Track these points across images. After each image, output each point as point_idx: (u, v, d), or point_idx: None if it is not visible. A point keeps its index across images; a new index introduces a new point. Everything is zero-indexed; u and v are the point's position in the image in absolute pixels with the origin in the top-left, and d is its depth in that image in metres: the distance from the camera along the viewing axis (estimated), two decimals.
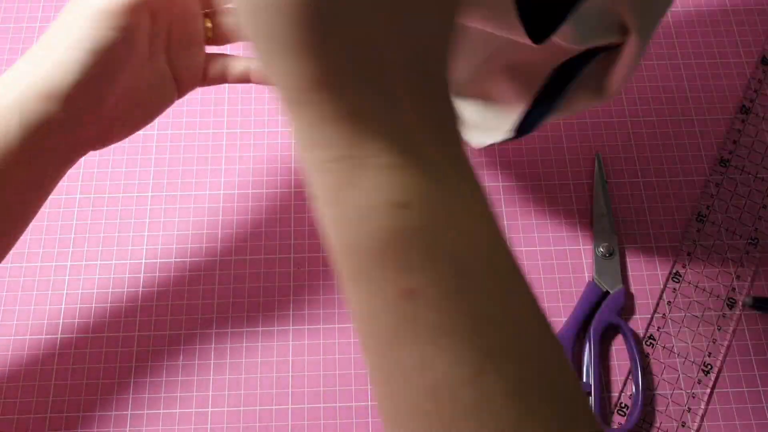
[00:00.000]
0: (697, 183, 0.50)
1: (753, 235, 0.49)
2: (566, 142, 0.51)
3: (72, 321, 0.46)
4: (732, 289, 0.47)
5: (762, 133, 0.52)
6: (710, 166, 0.51)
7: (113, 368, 0.45)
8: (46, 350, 0.45)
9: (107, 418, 0.43)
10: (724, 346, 0.45)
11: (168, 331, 0.46)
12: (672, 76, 0.54)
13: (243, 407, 0.44)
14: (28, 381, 0.44)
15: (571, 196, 0.50)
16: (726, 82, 0.54)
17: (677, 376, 0.45)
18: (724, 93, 0.54)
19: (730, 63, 0.55)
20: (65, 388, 0.44)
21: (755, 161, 0.51)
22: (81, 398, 0.44)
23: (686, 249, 0.48)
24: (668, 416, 0.44)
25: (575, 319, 0.45)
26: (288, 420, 0.43)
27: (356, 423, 0.43)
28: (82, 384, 0.44)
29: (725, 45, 0.55)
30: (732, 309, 0.47)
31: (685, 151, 0.51)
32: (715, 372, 0.45)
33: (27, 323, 0.46)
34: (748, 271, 0.48)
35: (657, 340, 0.46)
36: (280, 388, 0.44)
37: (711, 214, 0.49)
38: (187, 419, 0.43)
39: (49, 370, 0.44)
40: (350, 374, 0.45)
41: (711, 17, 0.56)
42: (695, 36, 0.56)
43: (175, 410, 0.44)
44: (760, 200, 0.50)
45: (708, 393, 0.44)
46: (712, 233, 0.49)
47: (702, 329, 0.46)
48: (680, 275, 0.47)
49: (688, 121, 0.53)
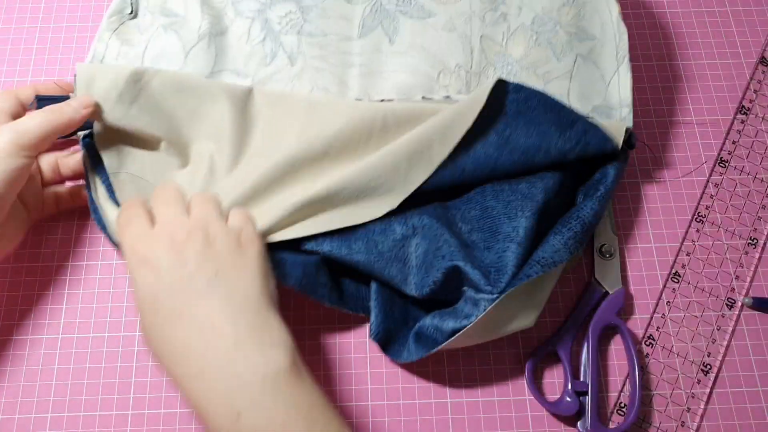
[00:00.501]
0: (696, 183, 0.50)
1: (752, 236, 0.49)
2: None
3: (73, 321, 0.46)
4: (731, 290, 0.47)
5: (761, 133, 0.52)
6: (709, 166, 0.51)
7: (114, 368, 0.45)
8: (48, 350, 0.45)
9: (108, 417, 0.43)
10: (723, 346, 0.46)
11: None
12: (672, 77, 0.54)
13: None
14: (29, 381, 0.44)
15: None
16: (726, 82, 0.54)
17: (677, 376, 0.45)
18: (724, 93, 0.54)
19: (729, 63, 0.55)
20: (66, 388, 0.44)
21: (755, 161, 0.51)
22: (82, 398, 0.44)
23: (686, 249, 0.48)
24: (668, 416, 0.44)
25: (574, 320, 0.45)
26: None
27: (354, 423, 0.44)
28: (83, 384, 0.44)
29: (725, 45, 0.55)
30: (731, 309, 0.47)
31: (685, 152, 0.51)
32: (714, 372, 0.45)
33: (28, 323, 0.46)
34: (747, 271, 0.48)
35: (656, 340, 0.46)
36: None
37: (710, 215, 0.49)
38: (187, 419, 0.43)
39: (50, 370, 0.45)
40: (350, 374, 0.45)
41: (711, 17, 0.56)
42: (695, 36, 0.56)
43: (175, 410, 0.44)
44: (760, 201, 0.50)
45: (707, 393, 0.44)
46: (711, 233, 0.49)
47: (701, 329, 0.46)
48: (679, 275, 0.48)
49: (688, 121, 0.53)
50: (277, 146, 0.46)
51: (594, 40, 0.49)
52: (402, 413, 0.44)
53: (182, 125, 0.46)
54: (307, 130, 0.46)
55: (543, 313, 0.46)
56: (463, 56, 0.48)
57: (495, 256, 0.42)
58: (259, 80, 0.48)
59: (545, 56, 0.48)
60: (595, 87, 0.48)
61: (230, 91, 0.46)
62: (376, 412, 0.44)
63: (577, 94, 0.47)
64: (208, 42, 0.48)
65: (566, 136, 0.44)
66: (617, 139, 0.44)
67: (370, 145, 0.45)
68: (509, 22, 0.49)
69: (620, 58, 0.48)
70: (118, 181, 0.45)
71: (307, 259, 0.43)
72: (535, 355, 0.45)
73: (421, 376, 0.45)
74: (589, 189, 0.45)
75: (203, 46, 0.48)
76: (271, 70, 0.48)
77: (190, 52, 0.48)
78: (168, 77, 0.45)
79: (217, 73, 0.48)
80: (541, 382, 0.45)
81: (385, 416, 0.44)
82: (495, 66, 0.48)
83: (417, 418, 0.44)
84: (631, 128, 0.46)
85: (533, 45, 0.49)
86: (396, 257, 0.43)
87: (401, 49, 0.49)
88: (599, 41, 0.49)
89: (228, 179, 0.45)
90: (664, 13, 0.56)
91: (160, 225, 0.38)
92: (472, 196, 0.45)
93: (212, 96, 0.46)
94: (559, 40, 0.48)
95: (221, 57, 0.48)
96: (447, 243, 0.42)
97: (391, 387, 0.44)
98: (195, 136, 0.46)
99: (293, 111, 0.47)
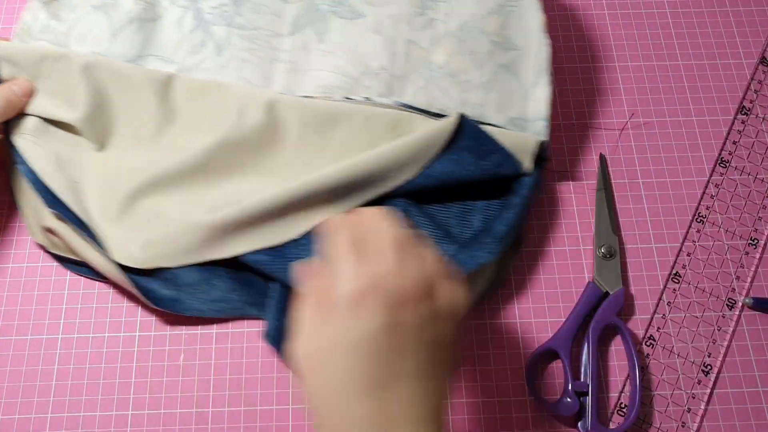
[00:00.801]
0: (697, 184, 0.50)
1: (753, 236, 0.49)
2: (566, 143, 0.51)
3: (73, 321, 0.46)
4: (732, 290, 0.47)
5: (762, 133, 0.52)
6: (710, 166, 0.51)
7: (114, 368, 0.45)
8: (47, 350, 0.45)
9: (108, 418, 0.43)
10: (723, 347, 0.46)
11: (168, 331, 0.46)
12: (672, 77, 0.54)
13: (243, 407, 0.44)
14: (29, 381, 0.44)
15: (571, 196, 0.50)
16: (726, 82, 0.54)
17: (677, 377, 0.45)
18: (724, 93, 0.54)
19: (730, 63, 0.55)
20: (66, 388, 0.44)
21: (755, 162, 0.51)
22: (82, 398, 0.44)
23: (686, 250, 0.48)
24: (668, 416, 0.44)
25: (575, 320, 0.45)
26: (289, 420, 0.43)
27: None
28: (83, 384, 0.44)
29: (725, 45, 0.55)
30: (732, 309, 0.47)
31: (685, 152, 0.51)
32: (714, 372, 0.45)
33: (28, 323, 0.46)
34: (747, 271, 0.48)
35: (657, 340, 0.46)
36: (280, 388, 0.44)
37: (711, 215, 0.49)
38: (187, 419, 0.43)
39: (50, 370, 0.45)
40: None
41: (711, 17, 0.56)
42: (695, 36, 0.56)
43: (175, 410, 0.44)
44: (760, 201, 0.50)
45: (708, 393, 0.44)
46: (711, 234, 0.49)
47: (702, 330, 0.46)
48: (680, 276, 0.48)
49: (688, 121, 0.53)
50: (194, 139, 0.47)
51: (517, 51, 0.49)
52: None
53: (98, 111, 0.47)
54: (223, 124, 0.47)
55: (543, 314, 0.46)
56: (387, 59, 0.49)
57: None
58: (186, 68, 0.49)
59: (467, 65, 0.48)
60: (513, 98, 0.48)
61: (152, 78, 0.47)
62: None
63: (495, 105, 0.48)
64: (137, 26, 0.49)
65: (481, 165, 0.45)
66: (527, 164, 0.46)
67: (287, 142, 0.47)
68: (436, 28, 0.49)
69: (540, 70, 0.48)
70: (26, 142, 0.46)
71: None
72: (536, 355, 0.44)
73: None
74: (502, 203, 0.46)
75: (132, 29, 0.49)
76: (198, 59, 0.49)
77: (118, 35, 0.49)
78: (87, 61, 0.46)
79: (143, 58, 0.48)
80: (541, 383, 0.45)
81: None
82: (418, 71, 0.48)
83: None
84: (546, 141, 0.47)
85: (456, 53, 0.49)
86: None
87: (329, 48, 0.49)
88: (522, 52, 0.49)
89: (144, 165, 0.46)
90: (664, 14, 0.56)
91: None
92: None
93: (133, 82, 0.47)
94: (483, 48, 0.49)
95: (149, 42, 0.49)
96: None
97: None
98: (111, 122, 0.47)
99: (213, 102, 0.48)
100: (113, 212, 0.45)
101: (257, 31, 0.49)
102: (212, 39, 0.49)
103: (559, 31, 0.56)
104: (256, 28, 0.49)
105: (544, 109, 0.48)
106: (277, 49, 0.49)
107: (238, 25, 0.49)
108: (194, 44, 0.49)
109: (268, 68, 0.49)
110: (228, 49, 0.49)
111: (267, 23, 0.50)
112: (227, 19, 0.49)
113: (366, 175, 0.44)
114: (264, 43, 0.49)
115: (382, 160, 0.44)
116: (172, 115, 0.48)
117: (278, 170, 0.47)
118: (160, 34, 0.49)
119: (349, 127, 0.46)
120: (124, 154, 0.47)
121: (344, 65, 0.49)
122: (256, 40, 0.49)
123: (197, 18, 0.49)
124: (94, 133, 0.47)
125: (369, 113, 0.46)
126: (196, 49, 0.49)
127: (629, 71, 0.54)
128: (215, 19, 0.49)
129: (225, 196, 0.46)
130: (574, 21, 0.56)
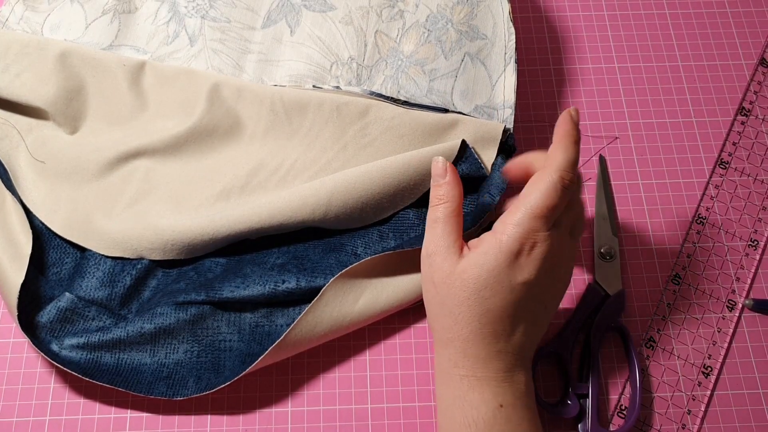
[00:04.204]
0: (696, 185, 0.50)
1: (753, 237, 0.49)
2: None
3: None
4: (732, 291, 0.47)
5: (761, 134, 0.52)
6: (710, 168, 0.51)
7: None
8: None
9: (106, 420, 0.43)
10: (724, 348, 0.45)
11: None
12: (672, 77, 0.54)
13: (242, 410, 0.44)
14: (26, 384, 0.44)
15: None
16: (726, 83, 0.54)
17: (677, 379, 0.45)
18: (724, 94, 0.53)
19: (729, 64, 0.55)
20: (64, 391, 0.44)
21: (755, 163, 0.51)
22: (80, 401, 0.44)
23: (686, 251, 0.48)
24: (668, 418, 0.44)
25: (575, 321, 0.45)
26: (288, 422, 0.43)
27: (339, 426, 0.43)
28: (81, 386, 0.44)
29: (725, 45, 0.55)
30: (732, 311, 0.47)
31: (685, 153, 0.51)
32: (715, 374, 0.45)
33: None
34: (747, 273, 0.48)
35: (657, 342, 0.46)
36: (278, 390, 0.44)
37: (711, 216, 0.49)
38: (186, 423, 0.43)
39: (48, 373, 0.44)
40: (349, 377, 0.45)
41: (711, 18, 0.56)
42: (695, 37, 0.56)
43: (174, 415, 0.43)
44: (760, 202, 0.50)
45: (708, 395, 0.44)
46: (711, 235, 0.49)
47: (702, 331, 0.46)
48: (680, 277, 0.47)
49: (688, 122, 0.53)
50: (164, 124, 0.49)
51: (485, 40, 0.50)
52: (402, 416, 0.44)
53: (71, 95, 0.48)
54: (194, 109, 0.48)
55: None
56: (357, 49, 0.50)
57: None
58: (158, 57, 0.51)
59: (433, 53, 0.50)
60: (480, 86, 0.49)
61: (124, 64, 0.49)
62: (376, 414, 0.44)
63: (461, 93, 0.49)
64: (111, 17, 0.51)
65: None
66: (494, 151, 0.47)
67: (257, 129, 0.48)
68: (405, 19, 0.51)
69: (507, 58, 0.50)
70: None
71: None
72: (536, 357, 0.44)
73: (422, 379, 0.45)
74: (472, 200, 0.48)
75: (106, 20, 0.51)
76: (171, 49, 0.51)
77: (92, 24, 0.51)
78: (62, 47, 0.48)
79: (116, 47, 0.51)
80: (541, 385, 0.45)
81: (385, 419, 0.43)
82: (386, 61, 0.50)
83: (417, 421, 0.43)
84: (510, 129, 0.48)
85: (423, 42, 0.50)
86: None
87: (300, 39, 0.51)
88: (489, 41, 0.50)
89: (112, 145, 0.48)
90: (664, 15, 0.56)
91: None
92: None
93: (105, 67, 0.49)
94: (449, 38, 0.50)
95: (123, 32, 0.51)
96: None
97: (390, 390, 0.44)
98: (84, 107, 0.49)
99: (184, 88, 0.49)
100: (82, 180, 0.47)
101: (230, 23, 0.51)
102: (185, 30, 0.51)
103: (559, 32, 0.56)
104: (229, 21, 0.51)
105: (511, 97, 0.49)
106: (248, 41, 0.51)
107: (212, 18, 0.51)
108: (168, 35, 0.51)
109: (239, 58, 0.51)
110: (200, 39, 0.51)
111: (240, 16, 0.52)
112: (201, 12, 0.51)
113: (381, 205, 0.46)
114: (236, 35, 0.51)
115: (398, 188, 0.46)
116: (144, 100, 0.49)
117: (248, 156, 0.48)
118: (135, 26, 0.51)
119: (318, 115, 0.48)
120: (96, 137, 0.48)
121: (315, 55, 0.50)
122: (228, 32, 0.51)
123: (172, 10, 0.51)
124: (65, 116, 0.48)
125: (338, 101, 0.48)
126: (169, 39, 0.51)
127: (629, 72, 0.54)
128: (189, 11, 0.51)
129: (192, 182, 0.47)
130: (574, 23, 0.56)
